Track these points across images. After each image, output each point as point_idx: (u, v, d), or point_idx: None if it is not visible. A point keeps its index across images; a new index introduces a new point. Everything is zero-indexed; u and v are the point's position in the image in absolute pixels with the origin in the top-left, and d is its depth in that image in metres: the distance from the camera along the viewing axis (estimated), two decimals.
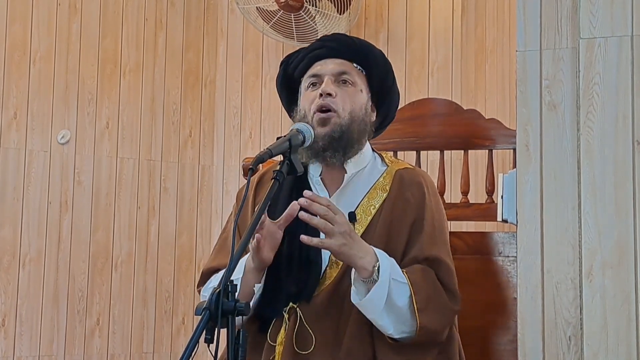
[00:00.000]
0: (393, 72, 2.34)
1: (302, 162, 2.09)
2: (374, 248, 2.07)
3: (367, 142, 2.30)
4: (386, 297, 2.02)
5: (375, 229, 2.16)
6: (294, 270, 2.13)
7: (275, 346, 2.10)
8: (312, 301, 2.11)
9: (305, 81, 2.28)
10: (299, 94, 2.31)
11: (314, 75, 2.25)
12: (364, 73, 2.29)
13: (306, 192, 2.00)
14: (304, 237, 1.98)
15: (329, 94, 2.19)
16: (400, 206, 2.19)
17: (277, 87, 2.37)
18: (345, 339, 2.08)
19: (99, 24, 4.58)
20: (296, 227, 2.11)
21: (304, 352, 2.07)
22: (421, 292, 2.06)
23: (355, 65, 2.28)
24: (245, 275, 2.09)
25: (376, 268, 2.03)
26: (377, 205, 2.19)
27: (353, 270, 2.06)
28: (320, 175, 2.26)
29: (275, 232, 2.08)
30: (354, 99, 2.24)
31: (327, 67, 2.25)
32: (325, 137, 2.17)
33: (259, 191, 2.30)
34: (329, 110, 2.18)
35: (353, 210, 2.18)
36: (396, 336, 2.07)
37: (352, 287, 2.06)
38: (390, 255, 2.10)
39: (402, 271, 2.08)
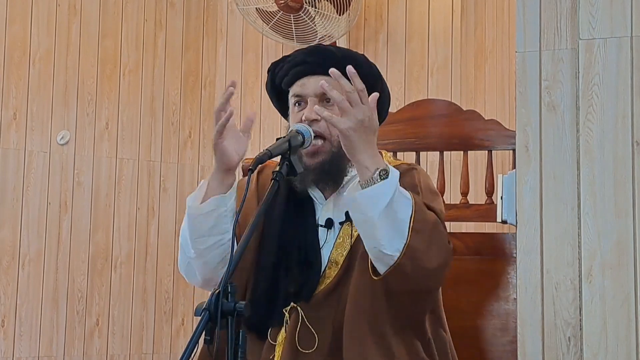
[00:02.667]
0: (379, 73, 2.27)
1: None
2: (390, 166, 1.99)
3: None
4: (389, 199, 1.93)
5: None
6: (293, 271, 2.12)
7: (275, 345, 2.10)
8: (312, 300, 2.11)
9: (290, 98, 2.22)
10: (289, 103, 2.26)
11: (296, 95, 2.19)
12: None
13: (333, 71, 1.93)
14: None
15: (315, 120, 2.10)
16: None
17: (267, 92, 2.32)
18: (343, 337, 2.07)
19: (99, 24, 4.57)
20: (292, 229, 2.11)
21: (306, 351, 2.07)
22: (421, 214, 2.00)
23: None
24: (211, 177, 2.07)
25: (378, 171, 1.94)
26: None
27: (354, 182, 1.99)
28: None
29: (240, 137, 2.07)
30: None
31: (310, 87, 2.16)
32: (316, 171, 2.13)
33: (261, 190, 2.25)
34: (319, 137, 2.12)
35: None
36: (389, 252, 1.97)
37: (351, 184, 2.01)
38: None
39: (409, 192, 2.01)
